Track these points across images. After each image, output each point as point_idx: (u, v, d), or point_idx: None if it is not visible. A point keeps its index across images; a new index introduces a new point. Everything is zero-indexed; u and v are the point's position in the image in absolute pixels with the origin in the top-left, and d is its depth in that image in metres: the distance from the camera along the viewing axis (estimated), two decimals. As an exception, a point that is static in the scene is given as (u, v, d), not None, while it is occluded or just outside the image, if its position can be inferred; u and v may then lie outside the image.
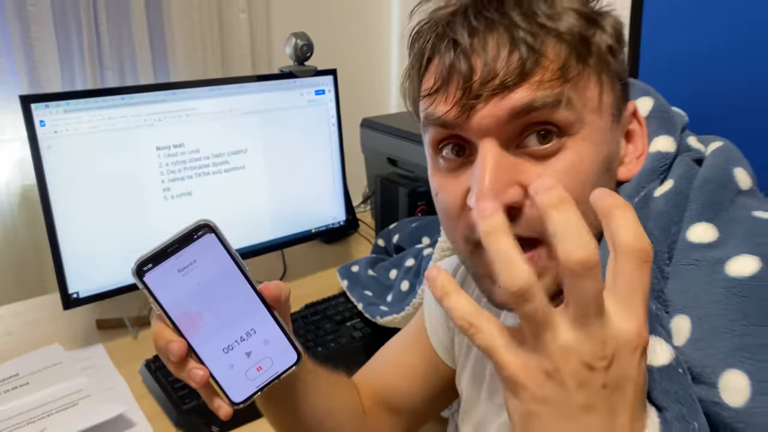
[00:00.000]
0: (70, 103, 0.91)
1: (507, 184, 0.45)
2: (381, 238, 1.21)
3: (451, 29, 0.47)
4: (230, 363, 0.49)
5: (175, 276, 0.48)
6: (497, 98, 0.45)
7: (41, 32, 1.47)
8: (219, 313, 0.50)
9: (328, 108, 1.19)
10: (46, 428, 0.83)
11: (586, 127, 0.47)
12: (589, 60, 0.47)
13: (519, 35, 0.45)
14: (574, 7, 0.47)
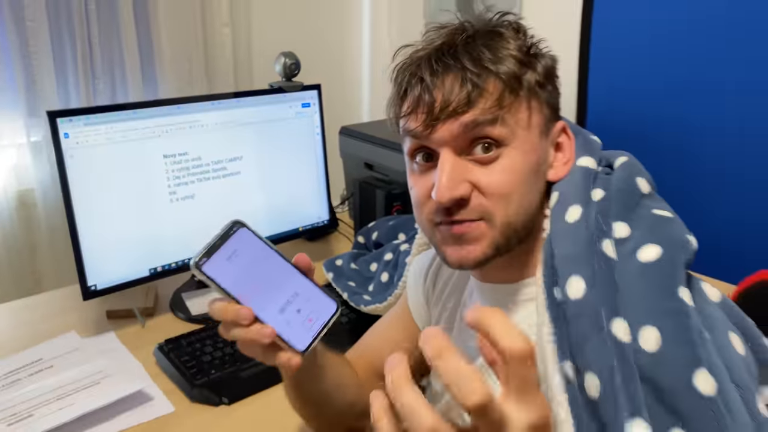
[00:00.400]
0: (90, 117, 1.03)
1: (459, 182, 0.62)
2: (361, 236, 1.35)
3: (420, 70, 0.65)
4: (287, 320, 0.62)
5: (225, 263, 0.61)
6: (452, 120, 0.62)
7: (38, 46, 1.57)
8: (266, 284, 0.62)
9: (313, 119, 1.32)
10: (74, 403, 0.94)
11: (517, 140, 0.63)
12: (519, 92, 0.63)
13: (467, 75, 0.62)
14: (512, 54, 0.64)
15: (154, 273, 1.14)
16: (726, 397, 0.54)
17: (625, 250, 0.62)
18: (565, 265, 0.61)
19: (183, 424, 0.92)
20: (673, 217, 0.65)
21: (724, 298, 0.64)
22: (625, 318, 0.58)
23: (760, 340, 0.62)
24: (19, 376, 1.01)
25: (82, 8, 1.63)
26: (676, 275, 0.59)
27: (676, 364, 0.55)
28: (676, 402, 0.54)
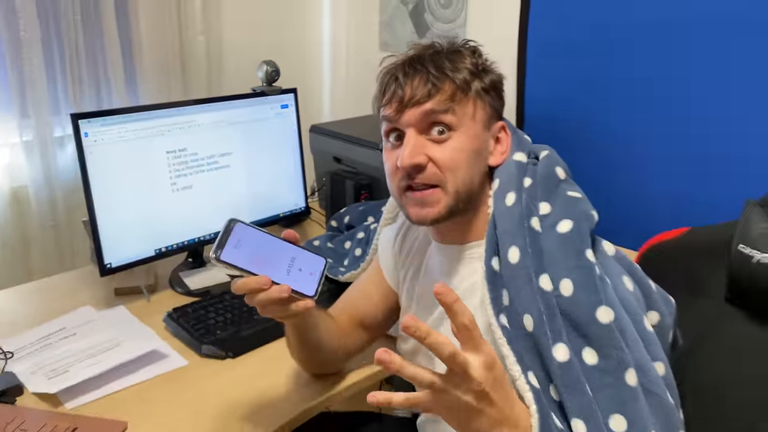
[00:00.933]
0: (105, 119, 1.20)
1: (418, 153, 0.85)
2: (334, 220, 1.55)
3: (395, 72, 0.88)
4: (294, 278, 0.82)
5: (235, 250, 0.80)
6: (416, 107, 0.85)
7: (31, 54, 1.70)
8: (270, 257, 0.82)
9: (291, 119, 1.52)
10: (101, 360, 1.11)
11: (464, 127, 0.86)
12: (468, 93, 0.87)
13: (430, 77, 0.85)
14: (467, 67, 0.87)
15: (159, 252, 1.32)
16: (620, 323, 0.78)
17: (547, 223, 0.84)
18: (505, 238, 0.84)
19: (196, 375, 1.11)
20: (581, 197, 0.88)
21: (617, 252, 0.88)
22: (549, 273, 0.80)
23: (645, 279, 0.87)
24: (50, 341, 1.17)
25: (70, 19, 1.76)
26: (583, 241, 0.82)
27: (584, 303, 0.78)
28: (586, 329, 0.77)
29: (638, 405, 0.74)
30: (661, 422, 0.76)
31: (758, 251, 0.96)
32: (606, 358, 0.75)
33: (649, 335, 0.81)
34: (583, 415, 0.73)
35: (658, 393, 0.77)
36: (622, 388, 0.74)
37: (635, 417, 0.73)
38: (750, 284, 0.98)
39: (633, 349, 0.77)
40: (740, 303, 1.02)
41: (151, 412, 1.01)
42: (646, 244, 1.22)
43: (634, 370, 0.75)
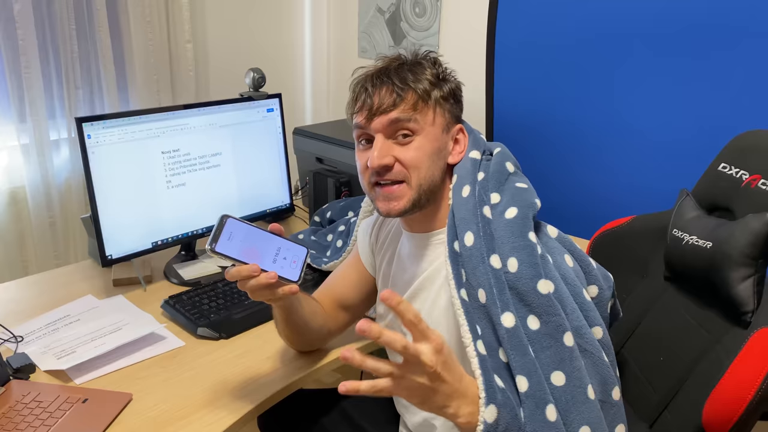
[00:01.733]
0: (106, 122, 1.31)
1: (385, 155, 0.97)
2: (317, 215, 1.67)
3: (365, 83, 1.00)
4: (280, 266, 0.94)
5: (228, 242, 0.91)
6: (383, 116, 0.97)
7: (28, 61, 1.80)
8: (259, 248, 0.93)
9: (276, 122, 1.64)
10: (105, 342, 1.22)
11: (424, 132, 0.98)
12: (428, 102, 0.99)
13: (395, 88, 0.97)
14: (428, 77, 0.99)
15: (155, 245, 1.43)
16: (559, 294, 0.91)
17: (497, 211, 0.97)
18: (462, 225, 0.96)
19: (192, 354, 1.22)
20: (527, 187, 1.00)
21: (559, 234, 1.01)
22: (498, 253, 0.93)
23: (585, 258, 1.00)
24: (56, 326, 1.28)
25: (65, 28, 1.87)
26: (526, 225, 0.94)
27: (527, 277, 0.90)
28: (528, 299, 0.89)
29: (575, 363, 0.87)
30: (597, 378, 0.90)
31: (688, 234, 1.11)
32: (546, 323, 0.88)
33: (587, 304, 0.94)
34: (526, 372, 0.86)
35: (594, 353, 0.90)
36: (561, 348, 0.87)
37: (572, 372, 0.86)
38: (680, 262, 1.13)
39: (571, 316, 0.90)
40: (674, 279, 1.16)
41: (153, 386, 1.12)
42: (598, 232, 1.36)
43: (571, 333, 0.88)
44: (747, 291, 0.96)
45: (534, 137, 1.88)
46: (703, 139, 1.60)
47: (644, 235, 1.27)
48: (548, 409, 0.84)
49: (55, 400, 1.04)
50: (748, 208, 1.03)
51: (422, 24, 2.23)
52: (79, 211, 2.01)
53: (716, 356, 0.99)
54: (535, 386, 0.85)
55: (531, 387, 0.85)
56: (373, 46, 2.39)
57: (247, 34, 2.43)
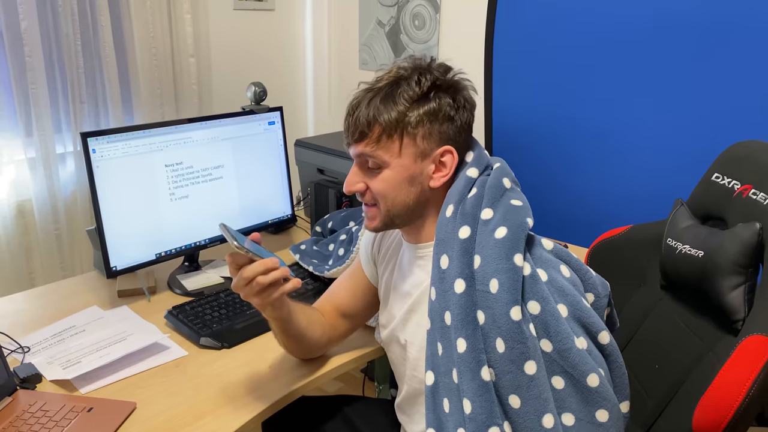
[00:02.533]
0: (111, 136, 1.34)
1: (355, 182, 1.02)
2: (318, 226, 1.70)
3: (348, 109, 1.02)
4: None
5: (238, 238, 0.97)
6: (353, 146, 1.01)
7: (35, 76, 1.84)
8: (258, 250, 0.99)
9: (278, 134, 1.67)
10: (110, 352, 1.24)
11: (390, 164, 0.99)
12: (393, 134, 0.98)
13: (360, 123, 0.99)
14: (404, 102, 0.98)
15: (159, 257, 1.46)
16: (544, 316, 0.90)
17: (487, 228, 0.97)
18: (440, 246, 0.98)
19: (195, 363, 1.24)
20: (521, 205, 1.00)
21: (555, 246, 1.02)
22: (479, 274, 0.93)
23: (582, 266, 1.01)
24: (62, 337, 1.30)
25: (71, 45, 1.91)
26: (515, 246, 0.93)
27: (503, 301, 0.91)
28: (500, 323, 0.90)
29: (533, 391, 0.88)
30: (575, 399, 0.90)
31: (681, 243, 1.13)
32: (511, 349, 0.89)
33: (587, 311, 0.95)
34: (470, 395, 0.89)
35: (575, 375, 0.90)
36: (521, 375, 0.89)
37: (528, 399, 0.88)
38: (674, 271, 1.14)
39: (555, 338, 0.90)
40: (669, 287, 1.18)
41: (157, 395, 1.14)
42: (596, 241, 1.38)
43: (534, 362, 0.89)
44: (738, 299, 0.98)
45: (532, 147, 1.90)
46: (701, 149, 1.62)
47: (641, 244, 1.29)
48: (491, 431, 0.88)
49: (61, 409, 1.06)
50: (740, 218, 1.05)
51: (422, 36, 2.26)
52: (84, 223, 2.04)
53: (709, 363, 1.00)
54: (477, 410, 0.88)
55: (473, 410, 0.88)
56: (373, 58, 2.42)
57: (249, 48, 2.47)
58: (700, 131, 1.63)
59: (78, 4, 1.91)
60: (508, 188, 1.02)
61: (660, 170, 1.70)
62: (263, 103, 1.65)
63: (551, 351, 0.90)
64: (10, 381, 1.11)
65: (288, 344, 1.18)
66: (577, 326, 0.93)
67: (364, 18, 2.44)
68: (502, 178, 1.02)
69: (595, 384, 0.90)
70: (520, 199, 1.01)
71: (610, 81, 1.74)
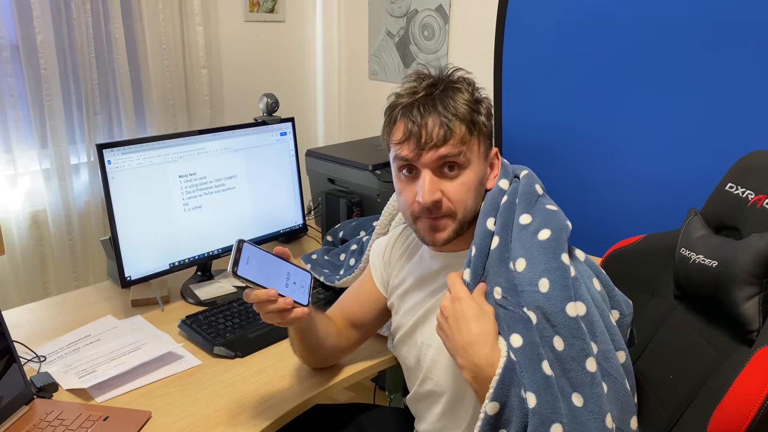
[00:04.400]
0: (125, 148, 1.36)
1: (434, 191, 0.97)
2: (329, 235, 1.71)
3: (409, 111, 0.98)
4: (291, 291, 0.98)
5: (247, 266, 0.95)
6: (432, 151, 0.96)
7: (50, 89, 1.87)
8: (272, 272, 0.98)
9: (290, 145, 1.69)
10: (125, 361, 1.25)
11: (472, 164, 0.99)
12: (474, 131, 0.99)
13: (443, 121, 0.96)
14: (467, 102, 0.98)
15: (173, 266, 1.47)
16: (590, 317, 0.91)
17: (527, 232, 0.97)
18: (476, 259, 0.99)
19: (209, 372, 1.25)
20: (557, 210, 1.01)
21: (587, 258, 1.02)
22: (530, 273, 0.93)
23: (609, 282, 1.02)
24: (77, 346, 1.32)
25: (85, 57, 1.94)
26: (560, 247, 0.94)
27: (557, 298, 0.91)
28: (555, 321, 0.90)
29: (595, 389, 0.87)
30: (617, 405, 0.90)
31: (694, 253, 1.12)
32: (571, 346, 0.88)
33: (613, 327, 0.95)
34: (534, 389, 0.87)
35: (617, 378, 0.91)
36: (583, 372, 0.88)
37: (591, 398, 0.87)
38: (688, 281, 1.14)
39: (600, 339, 0.91)
40: (682, 297, 1.18)
41: (171, 404, 1.15)
42: (609, 250, 1.38)
43: (594, 359, 0.88)
44: (752, 310, 0.97)
45: (543, 156, 1.91)
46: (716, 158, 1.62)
47: (654, 254, 1.28)
48: (553, 428, 0.85)
49: (77, 418, 1.07)
50: (754, 228, 1.04)
51: (431, 47, 2.28)
52: (98, 233, 2.06)
53: (724, 374, 1.00)
54: (543, 404, 0.86)
55: (539, 404, 0.86)
56: (383, 68, 2.44)
57: (259, 60, 2.49)
58: (714, 141, 1.63)
59: (92, 17, 1.94)
60: (540, 194, 1.03)
61: (674, 180, 1.70)
62: (275, 114, 1.66)
63: (596, 353, 0.90)
64: (27, 390, 1.12)
65: (303, 353, 1.19)
66: None
67: (373, 29, 2.46)
68: (533, 184, 1.04)
69: (629, 390, 0.91)
70: (554, 205, 1.02)
71: (623, 92, 1.75)
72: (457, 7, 2.19)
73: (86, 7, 1.92)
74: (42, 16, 1.82)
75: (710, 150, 1.64)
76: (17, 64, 1.85)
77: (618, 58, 1.73)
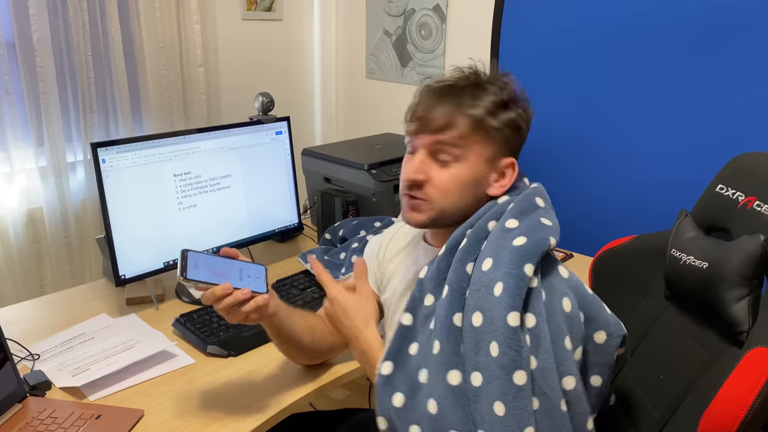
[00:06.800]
0: (120, 147, 1.36)
1: (419, 171, 0.98)
2: (328, 233, 1.71)
3: (427, 95, 1.00)
4: (247, 283, 1.01)
5: (196, 270, 0.99)
6: (431, 135, 0.98)
7: (46, 87, 1.87)
8: (223, 271, 1.01)
9: (285, 144, 1.69)
10: (118, 360, 1.26)
11: (467, 161, 0.99)
12: (477, 131, 0.98)
13: (449, 111, 0.98)
14: (486, 105, 0.99)
15: (167, 265, 1.48)
16: (538, 331, 0.90)
17: (508, 235, 0.96)
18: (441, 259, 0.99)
19: (202, 371, 1.26)
20: (550, 225, 0.99)
21: (572, 277, 0.99)
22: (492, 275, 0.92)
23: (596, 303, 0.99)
24: (71, 344, 1.32)
25: (82, 55, 1.94)
26: (528, 257, 0.92)
27: (502, 305, 0.89)
28: (495, 325, 0.88)
29: (519, 402, 0.86)
30: (550, 423, 0.89)
31: (685, 254, 1.13)
32: (503, 354, 0.87)
33: (565, 352, 0.92)
34: (437, 399, 0.90)
35: (551, 398, 0.89)
36: (509, 383, 0.87)
37: (512, 409, 0.86)
38: (679, 282, 1.14)
39: (542, 357, 0.89)
40: (673, 298, 1.18)
41: (164, 402, 1.15)
42: (601, 250, 1.38)
43: (525, 373, 0.87)
44: (742, 311, 0.98)
45: (538, 155, 1.91)
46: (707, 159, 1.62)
47: (645, 255, 1.29)
48: (450, 376, 0.90)
49: (70, 416, 1.07)
50: (744, 229, 1.04)
51: (428, 46, 2.28)
52: (94, 231, 2.06)
53: (714, 375, 1.00)
54: (443, 411, 0.88)
55: (439, 411, 0.89)
56: (380, 67, 2.44)
57: (257, 58, 2.49)
58: (705, 142, 1.63)
59: (89, 15, 1.94)
60: (541, 207, 1.01)
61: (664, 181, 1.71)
62: (270, 113, 1.66)
63: (535, 368, 0.89)
64: (20, 388, 1.13)
65: (285, 349, 1.20)
66: None
67: (371, 28, 2.46)
68: (534, 197, 1.02)
69: (565, 412, 0.89)
70: (551, 220, 1.00)
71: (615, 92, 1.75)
72: (454, 6, 2.19)
73: (83, 5, 1.92)
74: (38, 14, 1.82)
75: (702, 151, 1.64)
76: (13, 62, 1.85)
77: (614, 58, 1.74)
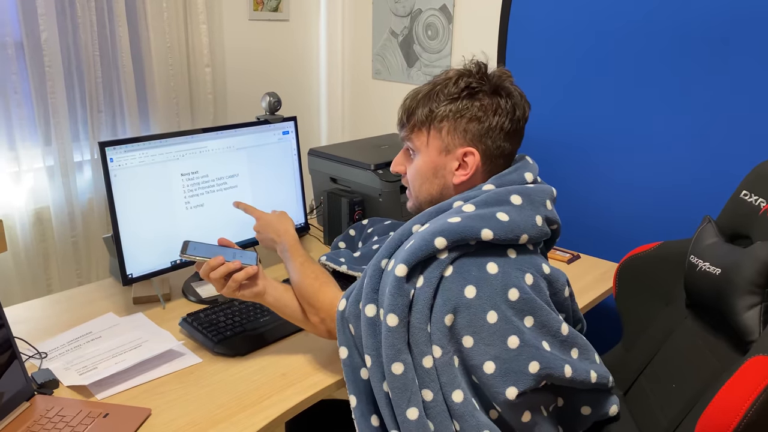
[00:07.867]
0: (128, 146, 1.36)
1: (399, 164, 1.17)
2: (352, 229, 1.70)
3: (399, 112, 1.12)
4: (240, 258, 1.13)
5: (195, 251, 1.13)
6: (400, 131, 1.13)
7: (54, 86, 1.87)
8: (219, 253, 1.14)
9: (292, 144, 1.69)
10: (125, 359, 1.26)
11: (420, 153, 1.09)
12: (423, 127, 1.08)
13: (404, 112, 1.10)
14: (441, 99, 1.06)
15: (174, 264, 1.48)
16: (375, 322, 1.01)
17: (437, 221, 1.03)
18: (391, 241, 1.07)
19: (209, 370, 1.25)
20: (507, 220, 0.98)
21: (521, 296, 0.98)
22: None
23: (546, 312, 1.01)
24: (79, 343, 1.32)
25: (89, 55, 1.94)
26: (393, 250, 1.05)
27: (364, 295, 1.04)
28: None
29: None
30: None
31: (702, 260, 1.11)
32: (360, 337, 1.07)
33: (427, 371, 0.97)
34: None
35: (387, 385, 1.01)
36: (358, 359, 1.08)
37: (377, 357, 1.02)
38: (695, 288, 1.13)
39: (379, 345, 1.01)
40: (692, 305, 1.16)
41: (172, 401, 1.15)
42: (626, 256, 1.36)
43: (369, 357, 1.02)
44: (753, 319, 0.96)
45: (553, 158, 1.90)
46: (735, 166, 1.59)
47: (669, 262, 1.27)
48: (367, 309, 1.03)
49: (77, 415, 1.08)
50: (763, 236, 1.02)
51: (434, 46, 2.28)
52: (101, 230, 2.07)
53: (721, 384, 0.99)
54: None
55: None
56: (386, 68, 2.44)
57: (263, 58, 2.49)
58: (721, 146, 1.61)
59: (97, 15, 1.95)
60: (511, 203, 1.01)
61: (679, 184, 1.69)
62: (277, 113, 1.66)
63: (371, 359, 1.03)
64: (28, 386, 1.13)
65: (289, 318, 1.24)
66: None
67: (377, 28, 2.46)
68: (511, 194, 1.02)
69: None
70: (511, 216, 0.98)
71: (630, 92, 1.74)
72: (460, 6, 2.18)
73: (91, 6, 1.92)
74: (46, 14, 1.83)
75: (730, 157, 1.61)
76: (21, 62, 1.85)
77: (625, 57, 1.73)
